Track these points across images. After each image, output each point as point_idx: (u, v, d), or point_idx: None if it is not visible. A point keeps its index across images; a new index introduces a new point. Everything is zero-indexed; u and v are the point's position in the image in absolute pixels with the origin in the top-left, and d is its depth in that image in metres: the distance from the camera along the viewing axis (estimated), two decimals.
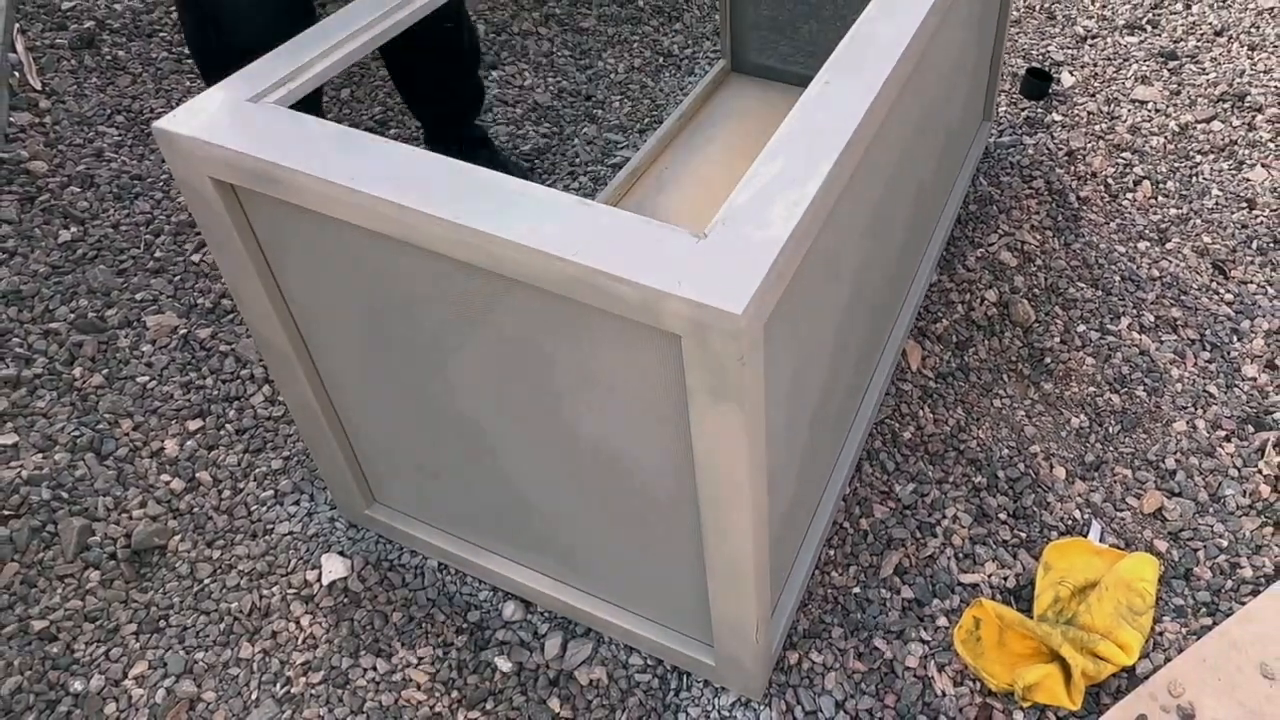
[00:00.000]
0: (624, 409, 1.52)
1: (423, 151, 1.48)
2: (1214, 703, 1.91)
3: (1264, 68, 3.65)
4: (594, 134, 3.40)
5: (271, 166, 1.48)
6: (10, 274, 2.79)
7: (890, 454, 2.38)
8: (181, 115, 1.57)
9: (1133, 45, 3.81)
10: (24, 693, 1.99)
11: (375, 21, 1.79)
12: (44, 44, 3.57)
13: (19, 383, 2.52)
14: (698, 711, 1.94)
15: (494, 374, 1.63)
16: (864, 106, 1.53)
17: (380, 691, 1.99)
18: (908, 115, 2.00)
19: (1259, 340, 2.63)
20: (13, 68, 3.49)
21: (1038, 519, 2.25)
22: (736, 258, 1.29)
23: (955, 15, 2.21)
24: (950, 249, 2.92)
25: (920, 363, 2.59)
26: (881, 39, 1.68)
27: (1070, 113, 3.46)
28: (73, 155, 3.17)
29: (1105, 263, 2.87)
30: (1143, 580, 2.08)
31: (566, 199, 1.39)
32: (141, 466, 2.36)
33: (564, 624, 2.08)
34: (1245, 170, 3.19)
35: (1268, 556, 2.17)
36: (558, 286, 1.34)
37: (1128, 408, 2.48)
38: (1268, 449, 2.37)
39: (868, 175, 1.77)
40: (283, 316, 1.81)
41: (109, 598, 2.13)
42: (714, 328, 1.25)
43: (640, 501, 1.68)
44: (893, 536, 2.22)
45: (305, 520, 2.27)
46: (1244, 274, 2.83)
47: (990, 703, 1.96)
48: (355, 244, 1.56)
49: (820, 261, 1.63)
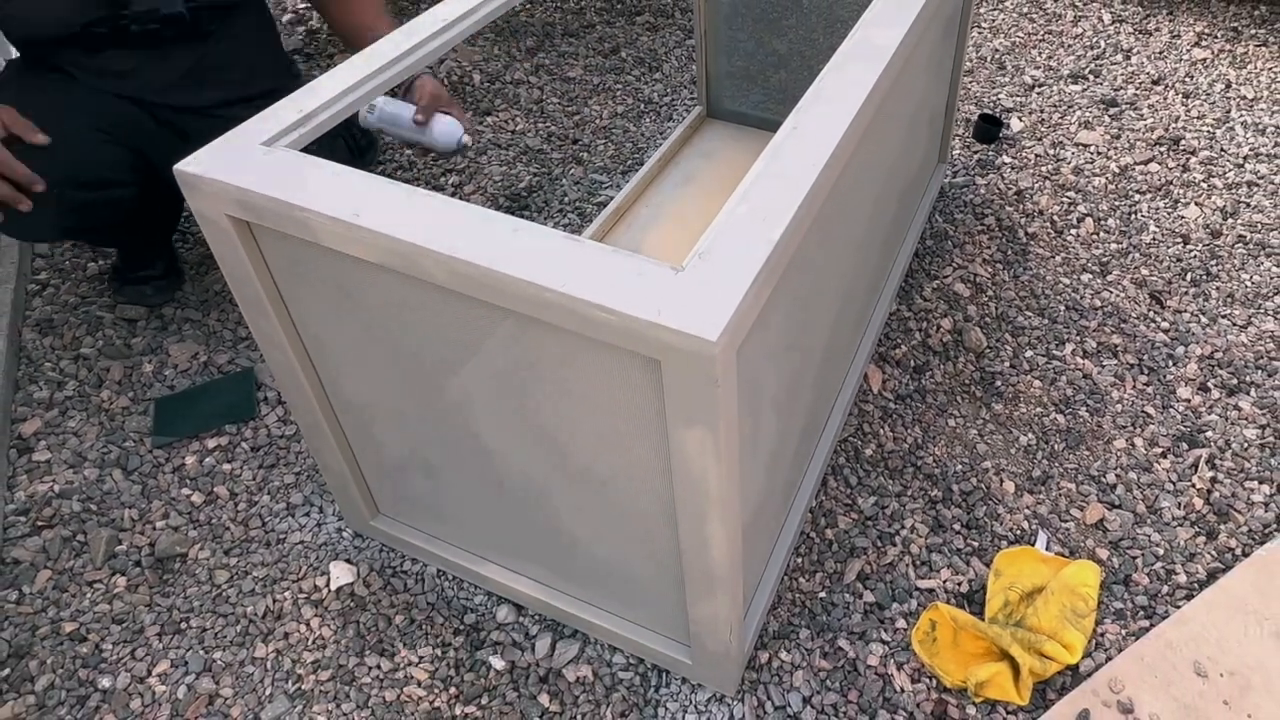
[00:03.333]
0: (608, 428, 1.53)
1: (423, 191, 1.49)
2: (1151, 698, 1.92)
3: (1197, 114, 3.67)
4: (580, 175, 3.41)
5: (283, 205, 1.48)
6: (43, 304, 2.79)
7: (853, 469, 2.38)
8: (202, 157, 1.58)
9: (1076, 93, 3.83)
10: (56, 689, 1.99)
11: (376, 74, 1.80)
12: None
13: (51, 404, 2.52)
14: (676, 706, 1.94)
15: (489, 396, 1.64)
16: (829, 150, 1.53)
17: (384, 688, 1.99)
18: (870, 157, 2.01)
19: (1192, 365, 2.64)
20: None
21: (989, 529, 2.26)
22: (711, 289, 1.29)
23: (914, 66, 2.22)
24: (909, 280, 2.93)
25: (881, 385, 2.60)
26: (845, 87, 1.69)
27: (1019, 155, 3.48)
28: None
29: (1051, 293, 2.88)
30: (1086, 585, 2.09)
31: (555, 235, 1.39)
32: (164, 481, 2.36)
33: (553, 626, 2.08)
34: (1180, 208, 3.20)
35: (1200, 564, 2.18)
36: (548, 315, 1.35)
37: (1072, 427, 2.49)
38: (1200, 465, 2.38)
39: (833, 213, 1.78)
40: (294, 342, 1.81)
41: (134, 602, 2.13)
42: (690, 353, 1.25)
43: (623, 513, 1.69)
44: (855, 545, 2.22)
45: (315, 530, 2.27)
46: (1179, 304, 2.84)
47: (945, 698, 1.96)
48: (361, 276, 1.57)
49: (789, 292, 1.63)
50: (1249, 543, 2.22)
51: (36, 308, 2.77)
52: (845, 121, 1.60)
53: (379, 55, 1.83)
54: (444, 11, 1.96)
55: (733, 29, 3.20)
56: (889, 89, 1.90)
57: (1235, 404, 2.54)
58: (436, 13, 1.96)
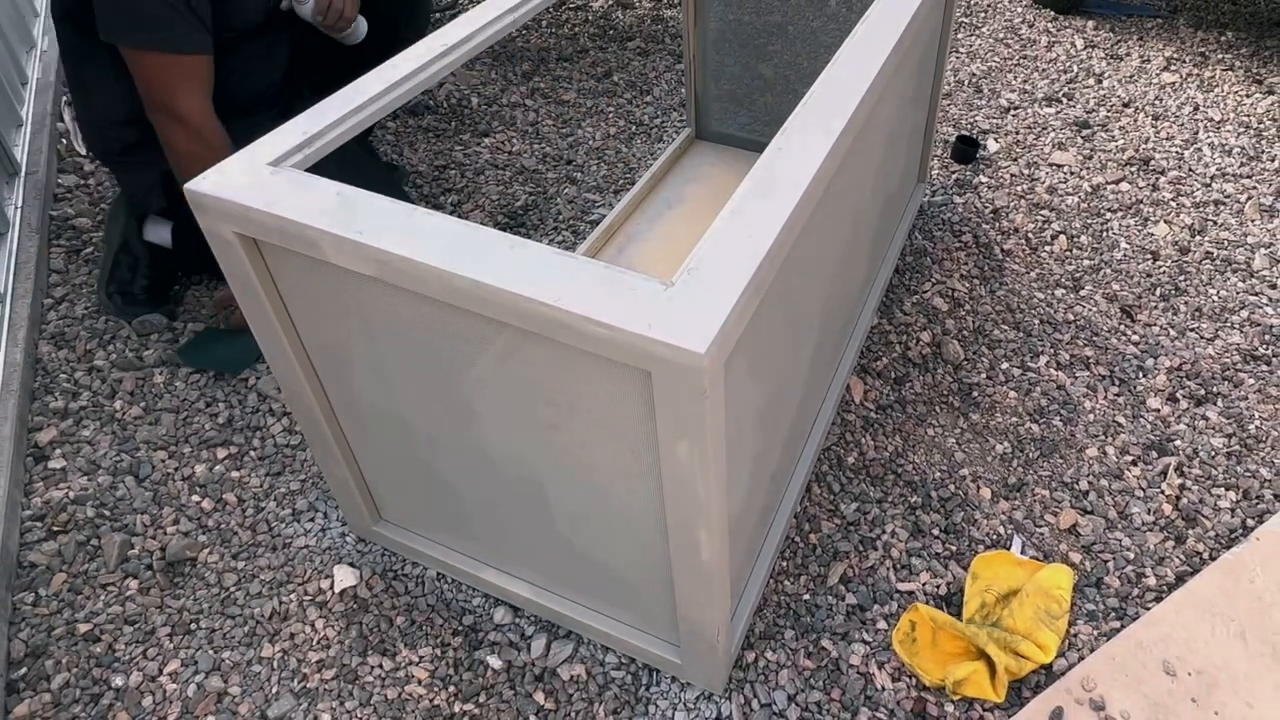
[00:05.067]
0: (601, 437, 1.53)
1: (423, 209, 1.49)
2: (1122, 696, 1.93)
3: (1166, 135, 3.69)
4: (574, 194, 3.41)
5: (289, 223, 1.49)
6: (58, 318, 2.79)
7: (836, 476, 2.39)
8: (211, 178, 1.58)
9: (1050, 116, 3.84)
10: (71, 687, 1.99)
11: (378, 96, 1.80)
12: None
13: (66, 414, 2.52)
14: (666, 704, 1.95)
15: (486, 407, 1.64)
16: (813, 170, 1.54)
17: (386, 686, 1.99)
18: (852, 177, 2.02)
19: (1162, 376, 2.65)
20: (61, 136, 3.50)
21: (966, 534, 2.26)
22: (700, 303, 1.30)
23: (894, 89, 2.23)
24: (889, 295, 2.93)
25: (863, 396, 2.60)
26: (829, 110, 1.70)
27: (995, 175, 3.49)
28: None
29: (1026, 308, 2.89)
30: (1059, 588, 2.09)
31: (550, 252, 1.40)
32: (175, 488, 2.36)
33: (548, 627, 2.08)
34: (1149, 226, 3.21)
35: (1169, 567, 2.19)
36: (543, 329, 1.35)
37: (1046, 436, 2.50)
38: (1169, 472, 2.39)
39: (816, 230, 1.79)
40: (299, 355, 1.81)
41: (146, 604, 2.13)
42: (680, 365, 1.26)
43: (615, 519, 1.69)
44: (838, 549, 2.23)
45: (319, 535, 2.27)
46: (1149, 318, 2.85)
47: (924, 696, 1.96)
48: (363, 291, 1.57)
49: (774, 307, 1.64)
50: (1216, 547, 2.23)
51: (51, 321, 2.77)
52: (828, 143, 1.61)
53: (382, 79, 1.84)
54: (444, 37, 1.97)
55: (720, 54, 3.21)
56: (870, 112, 1.91)
57: (1203, 414, 2.55)
58: (436, 38, 1.97)
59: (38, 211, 3.03)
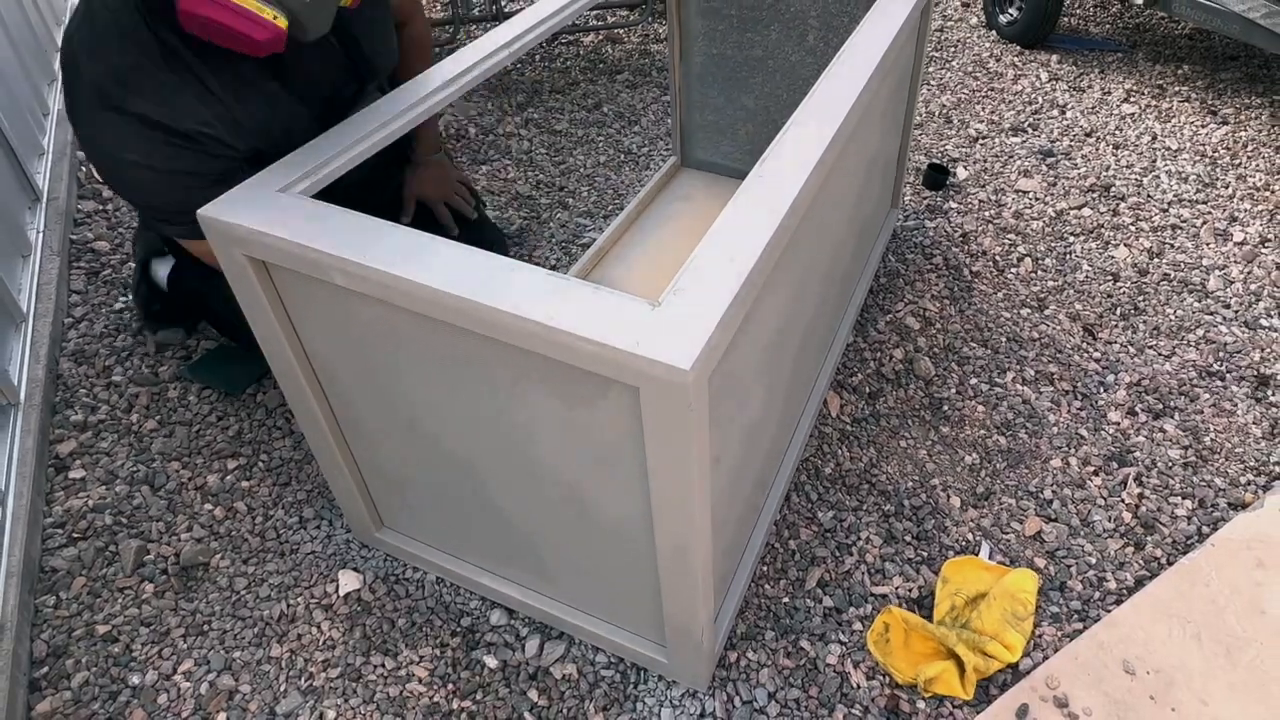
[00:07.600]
0: (592, 448, 1.54)
1: (424, 233, 1.50)
2: (1084, 694, 1.93)
3: (1126, 163, 3.71)
4: (566, 218, 3.42)
5: (296, 246, 1.49)
6: (78, 336, 2.79)
7: (814, 486, 2.39)
8: (223, 203, 1.59)
9: (1016, 145, 3.86)
10: (90, 685, 1.99)
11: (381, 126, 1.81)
12: None
13: (85, 426, 2.52)
14: (653, 701, 1.95)
15: (483, 419, 1.64)
16: (792, 195, 1.55)
17: (388, 684, 1.99)
18: (829, 203, 2.03)
19: (1122, 391, 2.66)
20: (80, 163, 3.50)
21: (937, 540, 2.27)
22: (685, 322, 1.31)
23: (869, 120, 2.24)
24: (864, 315, 2.94)
25: (839, 410, 2.61)
26: (807, 140, 1.71)
27: (964, 201, 3.50)
28: (130, 236, 3.17)
29: (994, 326, 2.90)
30: (1025, 591, 2.10)
31: (543, 274, 1.41)
32: (188, 497, 2.36)
33: (541, 628, 2.08)
34: (1110, 249, 3.23)
35: (1129, 572, 2.19)
36: (537, 346, 1.36)
37: (1012, 447, 2.50)
38: (1129, 482, 2.40)
39: (795, 253, 1.79)
40: (305, 370, 1.82)
41: (161, 606, 2.13)
42: (666, 381, 1.26)
43: (605, 525, 1.69)
44: (816, 555, 2.23)
45: (325, 542, 2.27)
46: (1109, 336, 2.86)
47: (897, 693, 1.97)
48: (366, 311, 1.58)
49: (756, 325, 1.65)
50: (1173, 553, 2.24)
51: (72, 339, 2.77)
52: (807, 170, 1.62)
53: (384, 111, 1.85)
54: (443, 71, 1.98)
55: (704, 87, 3.22)
56: (846, 141, 1.92)
57: (1161, 426, 2.56)
58: (435, 72, 1.98)
59: (59, 235, 3.03)
